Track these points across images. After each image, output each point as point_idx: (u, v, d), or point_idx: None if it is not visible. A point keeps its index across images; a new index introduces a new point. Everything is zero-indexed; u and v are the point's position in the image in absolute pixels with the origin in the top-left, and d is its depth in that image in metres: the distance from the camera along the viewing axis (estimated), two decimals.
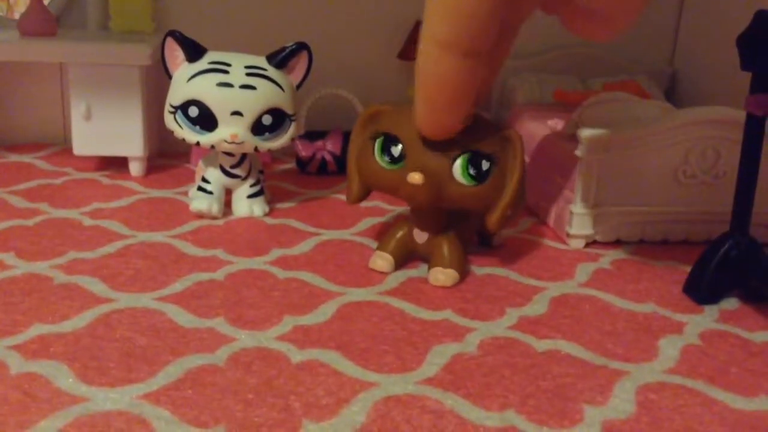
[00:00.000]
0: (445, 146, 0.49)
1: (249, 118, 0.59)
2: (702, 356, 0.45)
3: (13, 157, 0.77)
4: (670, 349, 0.45)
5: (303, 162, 0.76)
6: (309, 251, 0.57)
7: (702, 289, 0.51)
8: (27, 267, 0.52)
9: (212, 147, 0.60)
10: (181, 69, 0.60)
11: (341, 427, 0.36)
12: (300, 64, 0.63)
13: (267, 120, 0.60)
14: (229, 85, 0.59)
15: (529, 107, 0.78)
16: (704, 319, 0.49)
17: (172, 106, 0.60)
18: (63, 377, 0.39)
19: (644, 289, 0.53)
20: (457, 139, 0.49)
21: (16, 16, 0.76)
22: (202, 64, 0.60)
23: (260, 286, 0.51)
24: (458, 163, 0.49)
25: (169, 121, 0.61)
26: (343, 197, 0.70)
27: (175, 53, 0.60)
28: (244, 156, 0.63)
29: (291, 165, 0.79)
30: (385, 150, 0.50)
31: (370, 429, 0.36)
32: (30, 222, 0.60)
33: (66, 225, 0.60)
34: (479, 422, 0.37)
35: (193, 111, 0.59)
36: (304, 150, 0.76)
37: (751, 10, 0.47)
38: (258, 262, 0.54)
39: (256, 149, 0.61)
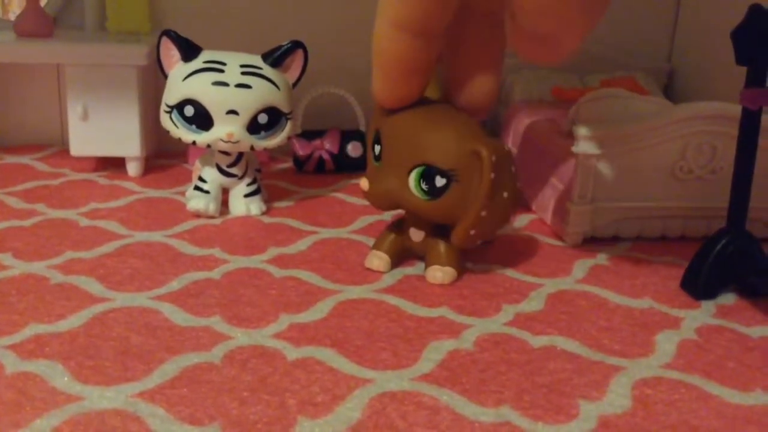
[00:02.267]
0: (404, 156, 0.49)
1: (245, 116, 0.59)
2: (699, 351, 0.45)
3: (11, 158, 0.77)
4: (666, 344, 0.45)
5: (300, 161, 0.76)
6: (306, 249, 0.57)
7: (699, 285, 0.51)
8: (24, 267, 0.52)
9: (208, 146, 0.60)
10: (177, 68, 0.60)
11: (336, 423, 0.36)
12: (295, 62, 0.63)
13: (263, 119, 0.60)
14: (224, 84, 0.59)
15: (526, 104, 0.78)
16: (701, 315, 0.49)
17: (167, 106, 0.60)
18: (58, 376, 0.39)
19: (641, 284, 0.53)
20: (414, 151, 0.48)
21: (11, 17, 0.76)
22: (198, 63, 0.60)
23: (257, 284, 0.51)
24: (412, 175, 0.48)
25: (165, 120, 0.61)
26: (340, 196, 0.70)
27: (170, 53, 0.60)
28: (240, 155, 0.63)
29: (288, 164, 0.79)
30: (374, 146, 0.51)
31: (366, 425, 0.36)
32: (27, 222, 0.60)
33: (63, 225, 0.60)
34: (475, 418, 0.37)
35: (189, 110, 0.59)
36: (301, 149, 0.76)
37: (748, 6, 0.47)
38: (255, 261, 0.54)
39: (252, 148, 0.61)
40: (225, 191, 0.64)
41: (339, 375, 0.40)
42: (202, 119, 0.59)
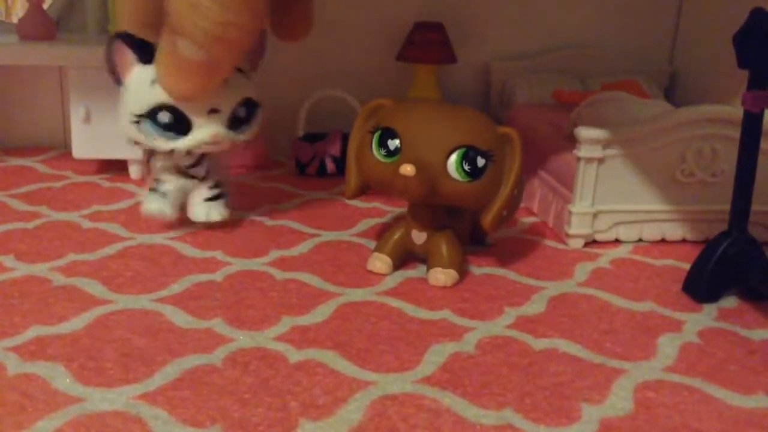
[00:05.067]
0: (442, 141, 0.49)
1: (226, 113, 0.55)
2: (700, 354, 0.44)
3: (14, 161, 0.77)
4: (668, 347, 0.45)
5: (302, 164, 0.77)
6: (307, 252, 0.57)
7: (701, 288, 0.51)
8: (26, 269, 0.52)
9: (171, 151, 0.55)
10: (138, 73, 0.54)
11: (338, 426, 0.36)
12: (256, 49, 0.58)
13: (241, 112, 0.56)
14: None
15: (528, 107, 0.78)
16: (703, 318, 0.49)
17: (135, 116, 0.54)
18: (60, 378, 0.39)
19: (643, 287, 0.53)
20: (454, 134, 0.49)
21: (14, 19, 0.76)
22: None
23: (259, 287, 0.51)
24: (453, 158, 0.49)
25: (132, 131, 0.55)
26: (342, 198, 0.70)
27: (125, 58, 0.54)
28: (202, 155, 0.58)
29: (290, 167, 0.79)
30: (383, 144, 0.51)
31: (367, 428, 0.36)
32: (30, 225, 0.60)
33: (66, 227, 0.60)
34: (476, 420, 0.37)
35: (164, 116, 0.53)
36: (303, 152, 0.76)
37: (749, 10, 0.47)
38: (257, 263, 0.54)
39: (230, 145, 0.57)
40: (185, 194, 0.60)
41: (341, 377, 0.40)
42: (180, 124, 0.54)
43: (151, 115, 0.54)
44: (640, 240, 0.62)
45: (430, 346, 0.44)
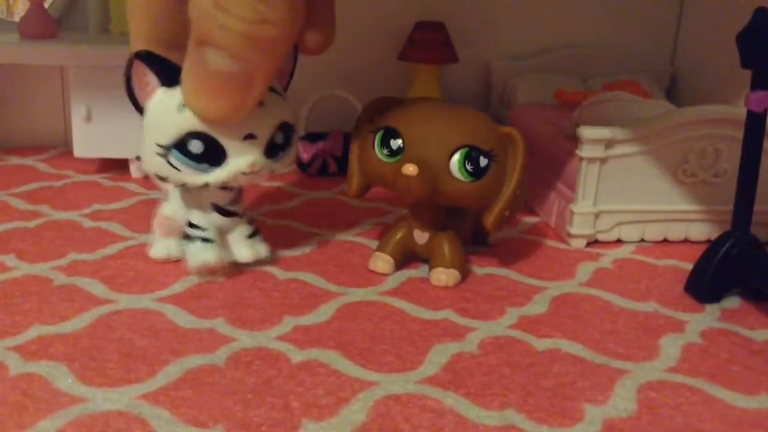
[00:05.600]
0: (444, 141, 0.49)
1: (263, 139, 0.48)
2: (703, 355, 0.44)
3: (14, 160, 0.77)
4: (671, 347, 0.45)
5: (303, 163, 0.76)
6: (309, 252, 0.57)
7: (703, 288, 0.51)
8: (27, 268, 0.52)
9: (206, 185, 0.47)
10: (160, 97, 0.46)
11: (341, 426, 0.36)
12: (286, 65, 0.52)
13: (279, 138, 0.49)
14: None
15: (529, 107, 0.78)
16: (705, 318, 0.49)
17: (161, 147, 0.46)
18: (62, 378, 0.39)
19: (645, 288, 0.53)
20: (456, 134, 0.49)
21: (15, 18, 0.76)
22: None
23: (260, 286, 0.51)
24: (456, 157, 0.49)
25: (158, 166, 0.47)
26: (344, 198, 0.70)
27: (145, 79, 0.46)
28: (241, 189, 0.52)
29: (291, 166, 0.79)
30: (385, 143, 0.51)
31: (370, 428, 0.36)
32: (31, 224, 0.60)
33: (67, 227, 0.60)
34: (479, 421, 0.37)
35: (196, 145, 0.46)
36: (304, 151, 0.76)
37: (752, 9, 0.47)
38: (258, 263, 0.54)
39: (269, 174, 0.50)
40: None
41: (343, 377, 0.40)
42: (212, 153, 0.46)
43: (180, 144, 0.46)
44: (643, 240, 0.62)
45: (432, 346, 0.44)
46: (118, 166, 0.75)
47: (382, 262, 0.54)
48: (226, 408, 0.37)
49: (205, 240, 0.50)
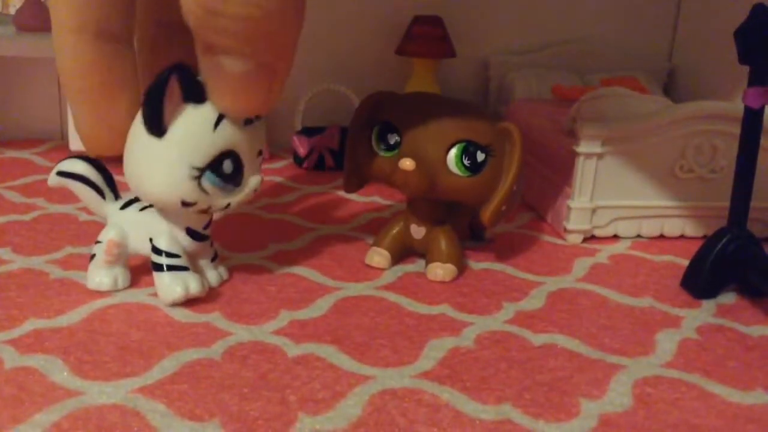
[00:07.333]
0: (442, 135, 0.49)
1: (264, 154, 0.47)
2: (699, 350, 0.44)
3: (10, 153, 0.77)
4: (667, 343, 0.45)
5: (300, 158, 0.76)
6: (306, 246, 0.57)
7: (699, 284, 0.51)
8: (23, 262, 0.52)
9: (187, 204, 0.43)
10: (190, 116, 0.41)
11: (337, 420, 0.36)
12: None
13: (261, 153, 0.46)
14: (249, 120, 0.43)
15: (527, 102, 0.78)
16: (701, 314, 0.49)
17: (196, 169, 0.42)
18: (58, 371, 0.39)
19: (641, 283, 0.53)
20: (453, 129, 0.49)
21: (11, 11, 0.76)
22: None
23: (257, 280, 0.51)
24: (453, 152, 0.49)
25: (188, 191, 0.42)
26: (340, 192, 0.70)
27: (175, 98, 0.41)
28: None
29: (288, 161, 0.79)
30: (382, 138, 0.51)
31: (366, 422, 0.36)
32: (26, 217, 0.60)
33: (62, 220, 0.60)
34: (475, 415, 0.37)
35: (228, 166, 0.43)
36: (301, 146, 0.76)
37: (750, 6, 0.47)
38: (255, 257, 0.54)
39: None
40: None
41: (340, 372, 0.40)
42: (238, 172, 0.44)
43: (215, 165, 0.42)
44: (639, 236, 0.62)
45: (428, 341, 0.44)
46: (113, 159, 0.74)
47: (378, 256, 0.53)
48: (222, 402, 0.37)
49: (180, 268, 0.46)
